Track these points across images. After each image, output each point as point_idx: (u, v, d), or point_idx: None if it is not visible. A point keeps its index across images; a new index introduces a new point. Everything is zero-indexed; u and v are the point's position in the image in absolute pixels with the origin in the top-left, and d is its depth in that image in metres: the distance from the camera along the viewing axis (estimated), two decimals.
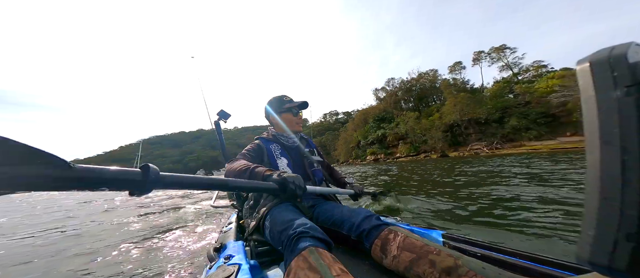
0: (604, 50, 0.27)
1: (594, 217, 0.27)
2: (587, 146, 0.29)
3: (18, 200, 13.98)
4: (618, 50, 0.26)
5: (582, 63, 0.29)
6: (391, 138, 48.08)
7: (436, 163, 15.75)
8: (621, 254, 0.25)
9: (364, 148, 53.80)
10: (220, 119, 2.21)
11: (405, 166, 16.41)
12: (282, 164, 1.33)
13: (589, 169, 0.28)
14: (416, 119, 43.82)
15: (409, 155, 41.69)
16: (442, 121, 38.27)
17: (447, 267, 0.70)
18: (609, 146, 0.26)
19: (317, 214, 1.21)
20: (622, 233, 0.25)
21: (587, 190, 0.28)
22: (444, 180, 6.27)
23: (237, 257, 0.84)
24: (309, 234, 0.80)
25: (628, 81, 0.25)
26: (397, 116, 50.54)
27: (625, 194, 0.25)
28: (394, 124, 48.94)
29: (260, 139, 1.44)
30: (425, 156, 37.50)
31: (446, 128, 37.55)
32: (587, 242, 0.28)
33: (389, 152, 47.53)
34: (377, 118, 56.02)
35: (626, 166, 0.25)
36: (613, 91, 0.26)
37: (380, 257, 0.90)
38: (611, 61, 0.26)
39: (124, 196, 9.32)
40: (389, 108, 56.29)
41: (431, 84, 51.96)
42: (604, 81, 0.27)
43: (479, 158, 20.41)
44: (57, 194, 17.68)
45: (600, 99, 0.27)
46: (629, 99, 0.25)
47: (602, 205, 0.27)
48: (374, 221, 0.98)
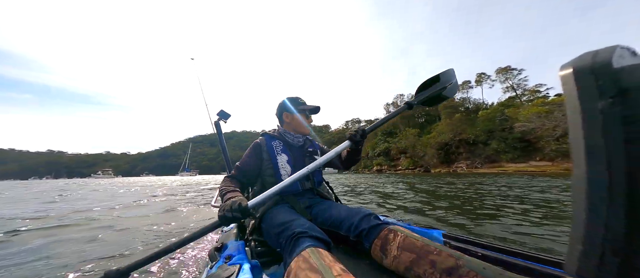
0: (587, 55, 0.26)
1: (581, 230, 0.27)
2: (573, 158, 0.28)
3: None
4: (602, 55, 0.25)
5: (565, 69, 0.28)
6: (394, 151, 52.51)
7: (418, 178, 17.80)
8: (608, 268, 0.25)
9: (372, 159, 58.48)
10: (220, 119, 2.14)
11: (386, 178, 18.16)
12: (282, 160, 1.32)
13: (575, 181, 0.28)
14: (417, 135, 47.91)
15: (408, 168, 45.95)
16: (436, 139, 42.12)
17: (448, 267, 0.69)
18: (594, 158, 0.26)
19: (315, 214, 1.18)
20: (608, 248, 0.25)
21: (574, 203, 0.28)
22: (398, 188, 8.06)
23: (238, 257, 0.84)
24: (308, 234, 0.79)
25: (612, 90, 0.24)
26: (401, 131, 54.77)
27: (611, 208, 0.25)
28: (397, 139, 53.39)
29: (264, 136, 1.44)
30: (419, 170, 41.67)
31: (440, 146, 41.27)
32: (575, 255, 0.28)
33: (393, 164, 51.90)
34: (385, 132, 60.48)
35: (612, 180, 0.25)
36: (597, 100, 0.25)
37: (380, 257, 0.88)
38: (595, 68, 0.25)
39: (126, 197, 8.25)
40: (397, 122, 60.35)
41: None
42: (587, 90, 0.26)
43: (456, 174, 24.23)
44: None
45: (584, 110, 0.26)
46: (614, 109, 0.24)
47: (589, 218, 0.27)
48: (373, 221, 0.96)
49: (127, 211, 4.75)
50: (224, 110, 2.11)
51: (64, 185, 21.14)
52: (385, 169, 52.15)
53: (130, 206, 5.43)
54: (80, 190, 8.75)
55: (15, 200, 7.38)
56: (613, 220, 0.25)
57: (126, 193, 8.92)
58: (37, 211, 4.84)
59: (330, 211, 1.13)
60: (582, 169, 0.27)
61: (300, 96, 1.53)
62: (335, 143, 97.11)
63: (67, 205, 5.85)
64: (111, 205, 5.62)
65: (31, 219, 4.05)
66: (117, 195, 8.15)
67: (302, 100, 1.49)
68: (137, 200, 6.79)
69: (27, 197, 8.10)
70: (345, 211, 1.08)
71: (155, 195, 8.05)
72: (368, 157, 60.66)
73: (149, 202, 6.20)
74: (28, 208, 5.32)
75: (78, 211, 4.85)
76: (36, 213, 4.67)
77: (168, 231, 3.08)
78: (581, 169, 0.27)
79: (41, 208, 5.30)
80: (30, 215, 4.45)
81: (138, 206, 5.45)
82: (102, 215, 4.30)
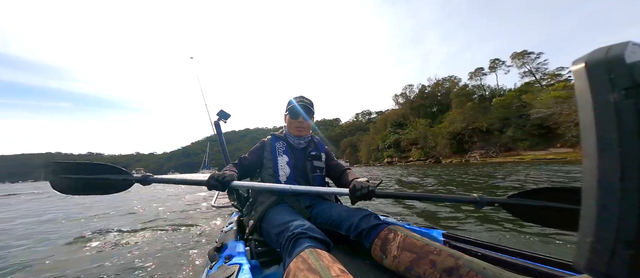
0: (600, 50, 0.26)
1: (591, 224, 0.27)
2: (584, 152, 0.28)
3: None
4: (615, 50, 0.25)
5: (578, 64, 0.28)
6: (405, 142, 51.47)
7: (429, 168, 18.05)
8: (619, 261, 0.25)
9: (382, 151, 57.82)
10: (220, 119, 2.15)
11: (402, 169, 18.83)
12: (282, 161, 1.34)
13: (586, 175, 0.28)
14: (428, 126, 46.57)
15: (419, 159, 44.98)
16: (447, 129, 40.80)
17: (448, 267, 0.70)
18: (606, 151, 0.26)
19: (315, 214, 1.19)
20: (620, 240, 0.25)
21: (584, 197, 0.28)
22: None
23: (238, 256, 0.85)
24: (308, 235, 0.79)
25: (626, 83, 0.24)
26: (411, 122, 53.49)
27: (624, 200, 0.24)
28: (407, 130, 52.25)
29: (271, 136, 1.47)
30: (430, 162, 40.62)
31: (452, 136, 39.96)
32: (585, 249, 0.27)
33: (404, 156, 51.04)
34: (395, 123, 59.52)
35: (625, 172, 0.24)
36: (610, 93, 0.25)
37: (380, 257, 0.89)
38: (608, 62, 0.25)
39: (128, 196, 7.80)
40: (407, 113, 59.12)
41: (448, 91, 53.11)
42: (600, 83, 0.26)
43: (468, 164, 22.75)
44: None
45: (597, 102, 0.26)
46: (627, 102, 0.24)
47: (600, 211, 0.26)
48: (373, 221, 0.96)
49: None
50: (223, 110, 2.14)
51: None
52: (396, 161, 51.54)
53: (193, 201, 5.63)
54: (143, 191, 8.80)
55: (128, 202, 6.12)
56: (625, 213, 0.24)
57: (177, 190, 9.29)
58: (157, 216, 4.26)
59: (331, 211, 1.14)
60: (593, 163, 0.27)
61: (303, 93, 1.54)
62: (346, 136, 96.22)
63: (161, 205, 5.44)
64: (179, 201, 5.76)
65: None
66: (171, 193, 8.30)
67: (294, 101, 1.45)
68: (181, 193, 7.66)
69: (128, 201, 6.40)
70: (345, 211, 1.08)
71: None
72: (378, 149, 60.13)
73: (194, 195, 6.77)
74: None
75: (173, 211, 4.62)
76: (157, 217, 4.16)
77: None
78: (593, 162, 0.27)
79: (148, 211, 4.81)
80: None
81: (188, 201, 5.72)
82: (190, 209, 4.64)
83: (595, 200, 0.27)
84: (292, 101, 1.44)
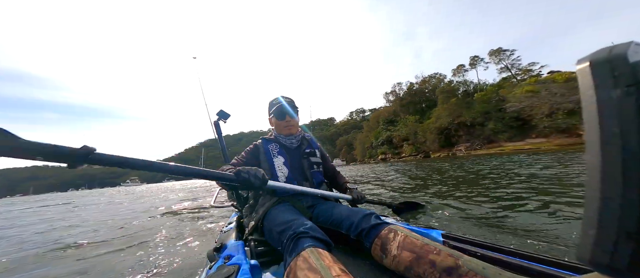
0: (603, 49, 0.27)
1: (594, 217, 0.28)
2: (587, 146, 0.29)
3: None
4: (618, 49, 0.26)
5: (582, 63, 0.29)
6: (397, 139, 53.79)
7: (418, 163, 18.95)
8: (622, 253, 0.25)
9: (376, 149, 59.91)
10: (219, 119, 2.15)
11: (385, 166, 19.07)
12: (278, 163, 1.32)
13: (589, 169, 0.28)
14: (417, 122, 48.94)
15: (411, 155, 47.21)
16: (434, 124, 43.30)
17: (448, 266, 0.70)
18: (609, 146, 0.26)
19: (316, 214, 1.20)
20: (623, 233, 0.25)
21: (587, 190, 0.29)
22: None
23: (237, 257, 0.85)
24: (309, 234, 0.80)
25: (628, 80, 0.25)
26: (401, 119, 55.90)
27: (626, 193, 0.25)
28: (398, 127, 54.60)
29: (262, 139, 1.45)
30: (420, 157, 42.89)
31: (439, 131, 42.45)
32: (588, 242, 0.28)
33: (397, 152, 53.28)
34: (386, 121, 61.75)
35: (627, 166, 0.25)
36: (613, 90, 0.26)
37: (380, 257, 0.89)
38: (611, 61, 0.26)
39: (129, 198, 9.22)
40: (398, 110, 61.41)
41: (434, 87, 55.68)
42: (604, 80, 0.27)
43: (454, 157, 24.55)
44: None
45: (600, 99, 0.27)
46: (629, 98, 0.25)
47: (603, 204, 0.27)
48: (374, 221, 0.97)
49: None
50: (223, 110, 2.15)
51: (117, 194, 19.90)
52: (389, 157, 53.54)
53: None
54: (148, 196, 9.02)
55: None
56: (627, 206, 0.25)
57: (184, 189, 9.99)
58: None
59: (332, 211, 1.15)
60: (596, 157, 0.27)
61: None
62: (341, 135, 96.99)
63: (161, 205, 6.24)
64: (179, 201, 6.76)
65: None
66: (171, 193, 9.12)
67: (277, 100, 1.46)
68: (188, 197, 8.30)
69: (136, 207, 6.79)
70: (346, 211, 1.09)
71: (196, 195, 9.24)
72: (372, 147, 62.12)
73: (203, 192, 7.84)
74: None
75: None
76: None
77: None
78: (596, 157, 0.27)
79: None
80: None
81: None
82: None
83: (598, 194, 0.27)
84: (273, 103, 1.45)
